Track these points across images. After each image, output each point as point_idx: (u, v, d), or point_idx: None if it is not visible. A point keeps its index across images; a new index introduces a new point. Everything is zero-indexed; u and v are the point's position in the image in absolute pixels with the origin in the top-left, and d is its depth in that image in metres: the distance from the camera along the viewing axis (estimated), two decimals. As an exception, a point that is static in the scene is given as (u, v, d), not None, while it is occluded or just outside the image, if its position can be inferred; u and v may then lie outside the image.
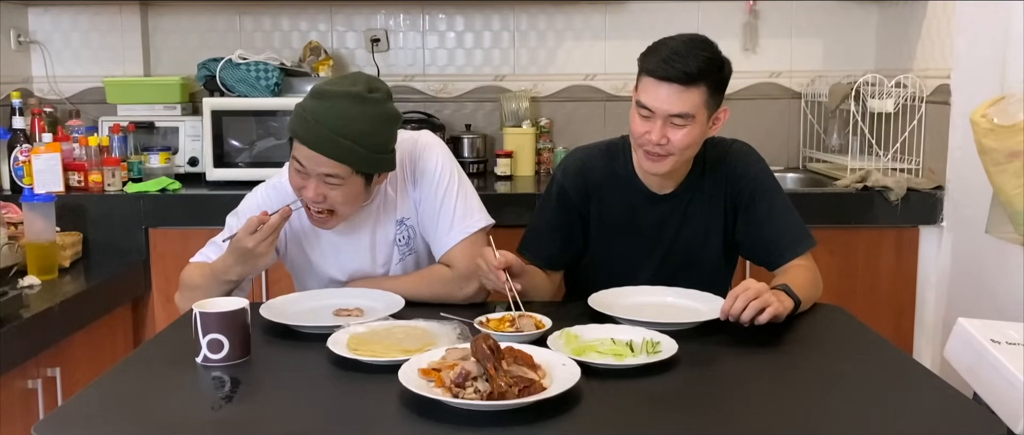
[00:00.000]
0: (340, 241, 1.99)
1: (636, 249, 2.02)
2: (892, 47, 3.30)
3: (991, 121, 2.16)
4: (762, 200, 1.98)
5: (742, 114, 3.45)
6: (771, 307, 1.68)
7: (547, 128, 3.40)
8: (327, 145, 1.77)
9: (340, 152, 1.77)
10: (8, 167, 2.92)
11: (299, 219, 1.95)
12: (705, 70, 1.79)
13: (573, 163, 2.05)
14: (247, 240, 1.80)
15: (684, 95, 1.79)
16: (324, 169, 1.79)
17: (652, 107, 1.81)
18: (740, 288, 1.69)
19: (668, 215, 2.00)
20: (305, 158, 1.80)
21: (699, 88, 1.79)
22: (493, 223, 2.02)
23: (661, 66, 1.79)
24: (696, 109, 1.80)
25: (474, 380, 1.33)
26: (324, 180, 1.81)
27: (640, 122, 1.85)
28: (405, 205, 2.00)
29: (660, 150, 1.85)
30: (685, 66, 1.77)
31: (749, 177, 1.99)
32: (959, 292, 2.73)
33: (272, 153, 3.01)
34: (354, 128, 1.77)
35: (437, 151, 2.00)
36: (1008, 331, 1.49)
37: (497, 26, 3.49)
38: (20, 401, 2.21)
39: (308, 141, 1.78)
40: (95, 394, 1.44)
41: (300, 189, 1.85)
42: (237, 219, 1.97)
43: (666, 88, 1.79)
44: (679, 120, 1.81)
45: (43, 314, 2.24)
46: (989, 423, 1.33)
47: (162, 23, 3.47)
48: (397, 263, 2.03)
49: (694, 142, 1.86)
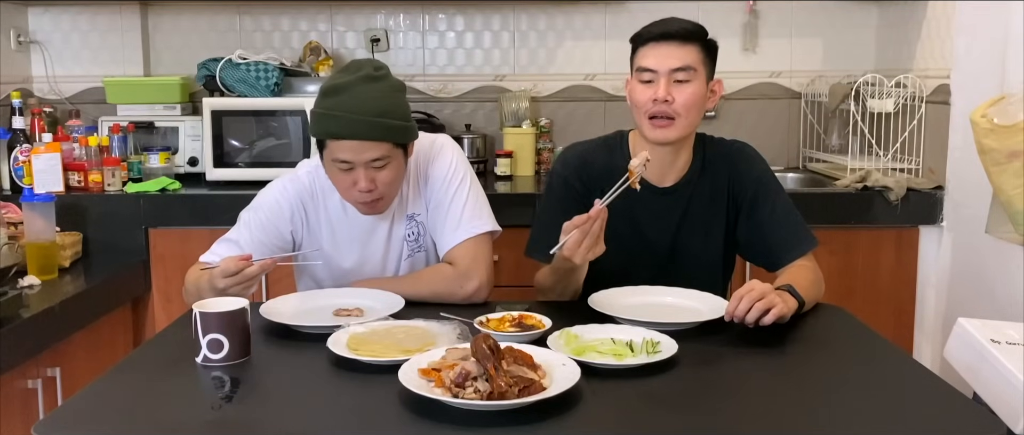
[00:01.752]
0: (356, 233, 2.01)
1: (635, 244, 2.01)
2: (892, 47, 3.30)
3: (991, 121, 2.16)
4: (765, 201, 1.98)
5: (742, 114, 3.47)
6: (776, 308, 1.68)
7: (547, 128, 3.40)
8: (368, 130, 1.80)
9: (381, 132, 1.81)
10: (8, 167, 2.92)
11: (324, 208, 1.99)
12: (697, 31, 1.92)
13: (572, 156, 2.06)
14: (220, 281, 1.73)
15: (683, 49, 1.89)
16: (370, 154, 1.82)
17: (654, 66, 1.89)
18: (744, 289, 1.69)
19: (668, 209, 2.00)
20: (349, 152, 1.82)
21: (694, 45, 1.90)
22: (500, 231, 2.04)
23: (658, 28, 1.91)
24: (696, 63, 1.89)
25: (474, 380, 1.33)
26: (371, 167, 1.84)
27: (643, 89, 1.91)
28: (417, 202, 2.03)
29: (667, 110, 1.88)
30: (680, 25, 1.91)
31: (752, 177, 1.99)
32: (959, 292, 2.73)
33: (272, 153, 3.01)
34: (382, 106, 1.82)
35: (453, 152, 2.04)
36: (1008, 331, 1.49)
37: (497, 26, 3.49)
38: (20, 401, 2.21)
39: (348, 133, 1.80)
40: (95, 394, 1.44)
41: (350, 187, 1.87)
42: (252, 213, 1.99)
43: (665, 45, 1.89)
44: (681, 74, 1.88)
45: (43, 314, 2.24)
46: (989, 423, 1.33)
47: (162, 23, 3.47)
48: (406, 259, 2.05)
49: (697, 103, 1.90)
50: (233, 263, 1.74)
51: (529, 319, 1.69)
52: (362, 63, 1.89)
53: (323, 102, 1.83)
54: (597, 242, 1.72)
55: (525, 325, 1.67)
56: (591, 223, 1.69)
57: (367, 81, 1.83)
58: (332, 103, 1.81)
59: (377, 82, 1.84)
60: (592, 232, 1.69)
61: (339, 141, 1.81)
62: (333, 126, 1.81)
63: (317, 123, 1.85)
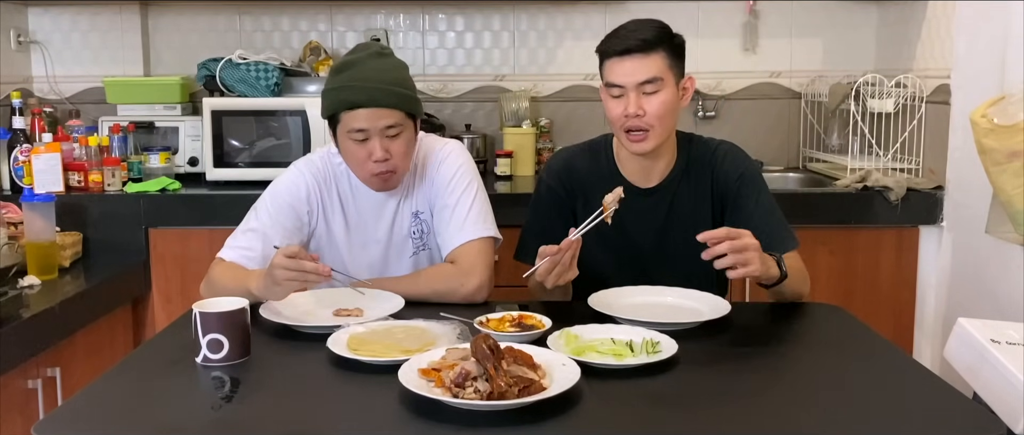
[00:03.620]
0: (366, 220, 2.03)
1: (622, 244, 2.02)
2: (892, 47, 3.30)
3: (991, 121, 2.16)
4: (747, 199, 1.99)
5: (742, 114, 3.47)
6: (748, 268, 1.69)
7: (547, 128, 3.40)
8: (384, 96, 1.87)
9: (395, 99, 1.88)
10: (8, 167, 2.92)
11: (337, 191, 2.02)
12: (659, 37, 1.90)
13: (557, 163, 2.09)
14: (280, 264, 1.68)
15: (646, 61, 1.88)
16: (385, 121, 1.87)
17: (621, 82, 1.90)
18: (735, 232, 1.70)
19: (652, 209, 2.01)
20: (365, 120, 1.86)
21: (658, 53, 1.89)
22: (501, 241, 2.06)
23: (619, 42, 1.90)
24: (662, 72, 1.89)
25: (474, 380, 1.33)
26: (386, 135, 1.89)
27: (615, 104, 1.92)
28: (422, 200, 2.05)
29: (640, 123, 1.89)
30: (641, 35, 1.89)
31: (735, 176, 2.00)
32: (959, 292, 2.73)
33: (272, 153, 3.01)
34: (394, 76, 1.91)
35: (463, 157, 2.08)
36: (1008, 331, 1.49)
37: (497, 26, 3.49)
38: (20, 401, 2.21)
39: (365, 100, 1.86)
40: (95, 394, 1.44)
41: (365, 160, 1.90)
42: (271, 199, 2.01)
43: (629, 60, 1.89)
44: (649, 86, 1.89)
45: (43, 314, 2.24)
46: (989, 423, 1.33)
47: (162, 23, 3.47)
48: (410, 256, 2.07)
49: (670, 111, 1.91)
50: (295, 247, 1.72)
51: (529, 319, 1.69)
52: (368, 44, 1.97)
53: (336, 79, 1.90)
54: (568, 269, 1.76)
55: (525, 325, 1.67)
56: (562, 254, 1.73)
57: (377, 57, 1.92)
58: (346, 76, 1.88)
59: (385, 58, 1.93)
60: (562, 261, 1.74)
61: (355, 110, 1.86)
62: (350, 95, 1.87)
63: (331, 98, 1.90)
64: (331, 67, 1.94)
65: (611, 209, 1.80)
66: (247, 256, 1.94)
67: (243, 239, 1.98)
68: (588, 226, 1.77)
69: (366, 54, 1.92)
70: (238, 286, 1.82)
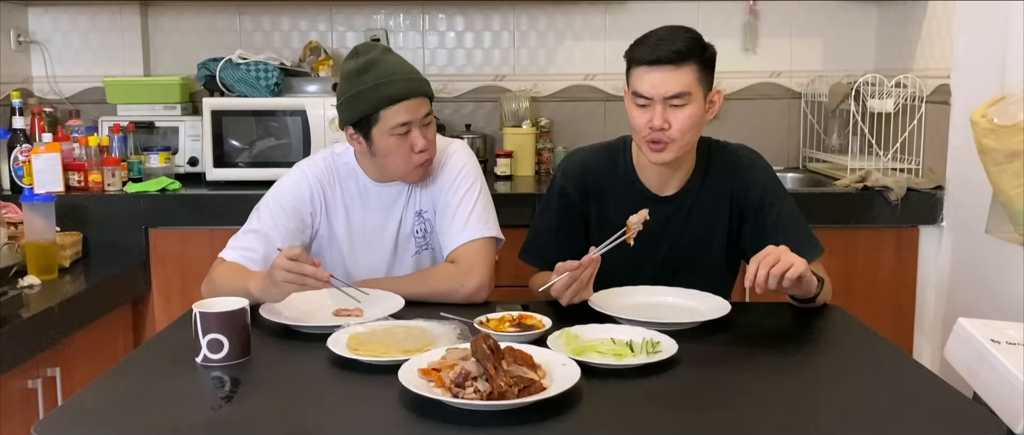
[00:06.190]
0: (375, 219, 2.04)
1: (637, 251, 2.01)
2: (892, 47, 3.30)
3: (991, 121, 2.16)
4: (772, 208, 1.97)
5: (742, 114, 3.47)
6: (794, 266, 1.65)
7: (547, 128, 3.40)
8: (420, 85, 1.93)
9: (426, 87, 1.95)
10: (8, 167, 2.92)
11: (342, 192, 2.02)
12: (692, 48, 1.83)
13: (573, 164, 2.05)
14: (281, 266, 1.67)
15: (677, 74, 1.82)
16: (423, 110, 1.93)
17: (649, 93, 1.84)
18: (760, 255, 1.67)
19: (670, 217, 1.99)
20: (407, 112, 1.89)
21: (689, 66, 1.83)
22: (503, 242, 2.05)
23: (650, 52, 1.84)
24: (691, 87, 1.83)
25: (474, 380, 1.33)
26: (423, 124, 1.93)
27: (639, 113, 1.87)
28: (426, 199, 2.05)
29: (663, 137, 1.85)
30: (673, 46, 1.82)
31: (758, 184, 1.98)
32: (959, 292, 2.73)
33: (272, 153, 3.01)
34: (412, 67, 1.96)
35: (467, 158, 2.08)
36: (1008, 331, 1.49)
37: (497, 26, 3.49)
38: (20, 401, 2.21)
39: (406, 91, 1.89)
40: (95, 394, 1.44)
41: (409, 153, 1.93)
42: (274, 200, 2.00)
43: (659, 71, 1.83)
44: (677, 100, 1.83)
45: (43, 314, 2.24)
46: (989, 423, 1.33)
47: (162, 23, 3.47)
48: (412, 255, 2.07)
49: (695, 125, 1.86)
50: (297, 250, 1.70)
51: (529, 319, 1.69)
52: (370, 44, 1.97)
53: (362, 79, 1.89)
54: (585, 288, 1.76)
55: (525, 325, 1.67)
56: (582, 270, 1.72)
57: (388, 52, 1.94)
58: (375, 75, 1.89)
59: (394, 53, 1.97)
60: (581, 279, 1.74)
61: (397, 105, 1.88)
62: (390, 90, 1.89)
63: (367, 98, 1.89)
64: (346, 72, 1.91)
65: (635, 231, 1.79)
66: (248, 257, 1.94)
67: (245, 240, 1.98)
68: (609, 246, 1.76)
69: (378, 52, 1.92)
70: (238, 286, 1.82)
